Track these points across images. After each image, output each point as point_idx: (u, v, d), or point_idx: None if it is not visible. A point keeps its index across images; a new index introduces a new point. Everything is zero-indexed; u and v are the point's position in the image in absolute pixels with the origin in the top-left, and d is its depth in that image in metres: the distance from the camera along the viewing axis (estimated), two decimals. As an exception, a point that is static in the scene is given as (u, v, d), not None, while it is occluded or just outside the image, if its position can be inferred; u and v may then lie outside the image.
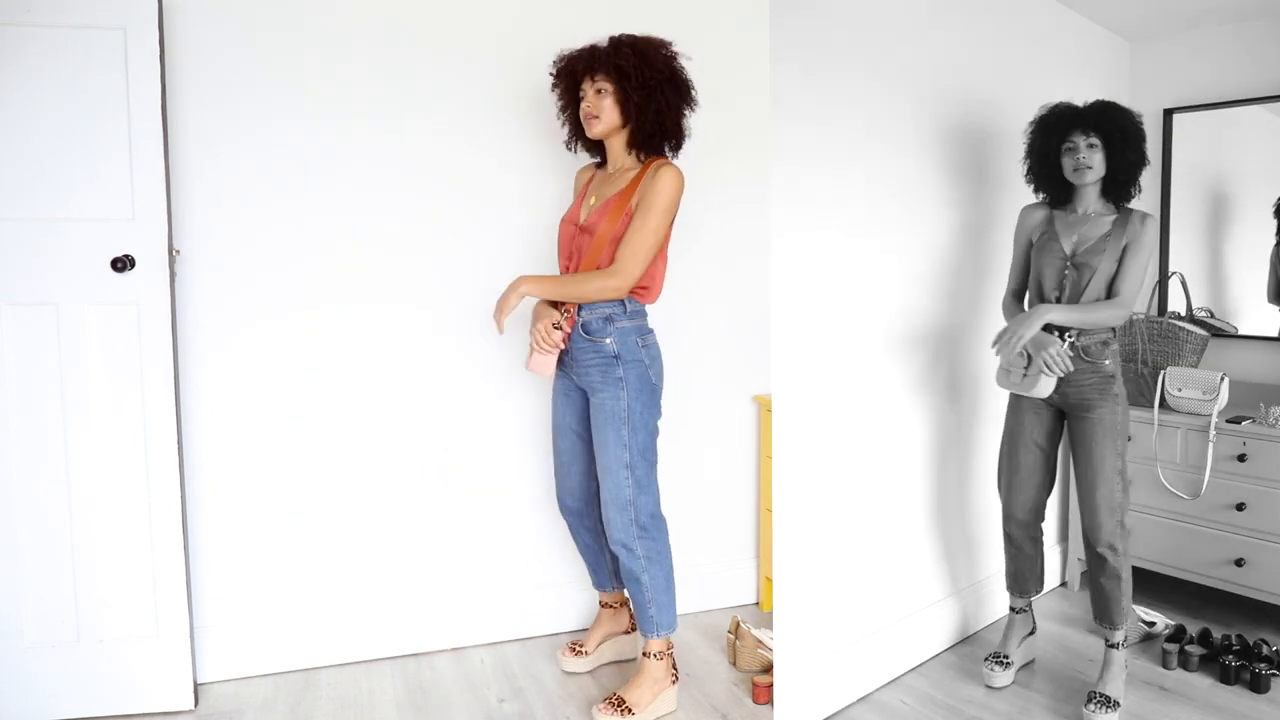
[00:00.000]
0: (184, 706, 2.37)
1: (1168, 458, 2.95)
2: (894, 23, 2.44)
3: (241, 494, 2.55)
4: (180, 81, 2.38)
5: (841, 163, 2.33)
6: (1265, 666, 2.51)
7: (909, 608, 2.67)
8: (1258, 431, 2.76)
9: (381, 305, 2.64)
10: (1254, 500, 2.77)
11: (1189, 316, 3.28)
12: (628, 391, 2.27)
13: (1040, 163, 2.44)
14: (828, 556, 2.39)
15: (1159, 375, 2.98)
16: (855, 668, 2.47)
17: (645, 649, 2.38)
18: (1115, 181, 2.37)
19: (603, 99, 2.25)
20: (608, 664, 2.66)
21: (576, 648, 2.63)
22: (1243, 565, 2.79)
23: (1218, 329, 3.25)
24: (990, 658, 2.59)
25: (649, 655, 2.37)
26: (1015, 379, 2.36)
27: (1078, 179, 2.35)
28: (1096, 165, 2.32)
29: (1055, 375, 2.29)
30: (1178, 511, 2.94)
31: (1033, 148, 2.46)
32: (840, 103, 2.31)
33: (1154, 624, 2.84)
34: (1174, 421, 2.93)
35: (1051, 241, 2.42)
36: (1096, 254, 2.34)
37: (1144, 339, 3.11)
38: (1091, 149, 2.32)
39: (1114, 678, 2.42)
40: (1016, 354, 2.32)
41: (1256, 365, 3.19)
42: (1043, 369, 2.29)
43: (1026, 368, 2.32)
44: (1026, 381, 2.34)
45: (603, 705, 2.31)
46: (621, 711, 2.29)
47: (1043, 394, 2.34)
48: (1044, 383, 2.31)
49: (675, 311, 2.94)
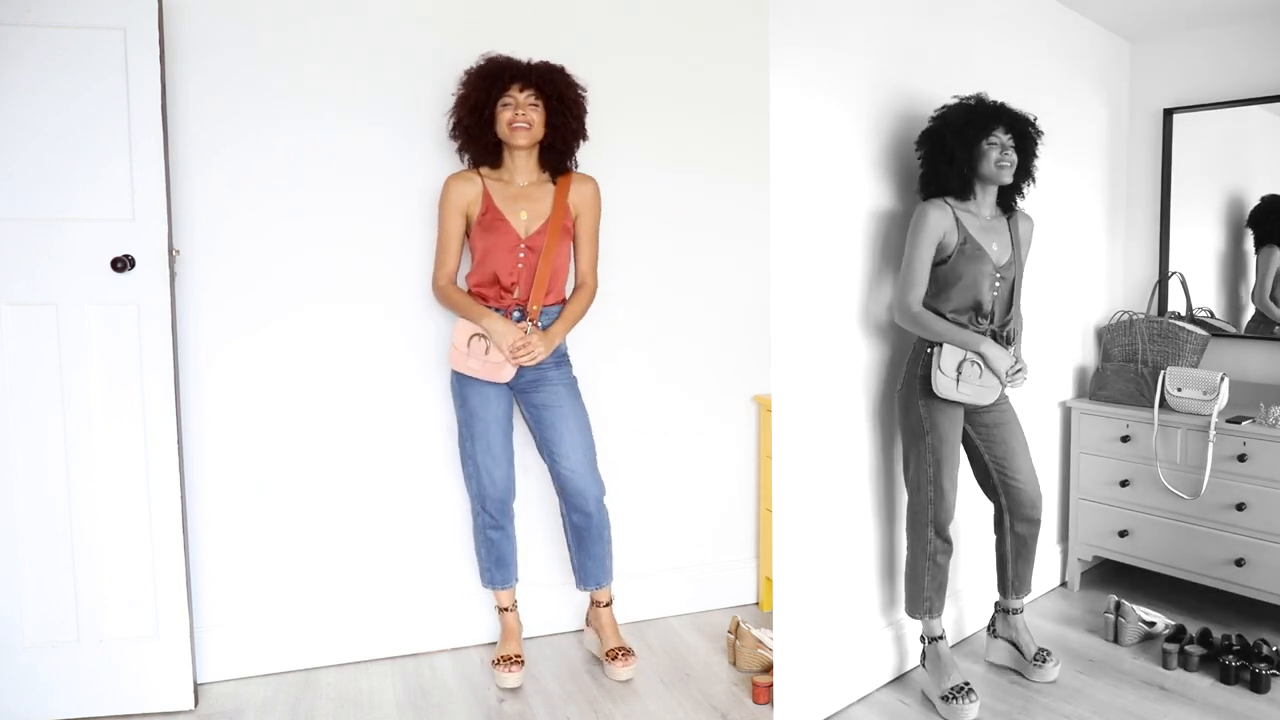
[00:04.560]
0: (184, 706, 2.37)
1: (1168, 458, 2.95)
2: (894, 23, 2.44)
3: (241, 494, 2.55)
4: (180, 81, 2.38)
5: (841, 161, 2.33)
6: (1265, 666, 2.51)
7: (909, 608, 2.67)
8: (1258, 431, 2.76)
9: (382, 305, 2.64)
10: (1254, 500, 2.77)
11: (1189, 316, 3.28)
12: (572, 375, 2.60)
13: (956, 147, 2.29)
14: (828, 556, 2.39)
15: (1159, 375, 2.98)
16: (855, 667, 2.47)
17: (602, 599, 2.66)
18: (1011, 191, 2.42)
19: (535, 111, 2.41)
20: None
21: (508, 662, 2.54)
22: (1243, 565, 2.79)
23: (1218, 329, 3.25)
24: (951, 693, 2.38)
25: (609, 604, 2.67)
26: (970, 390, 2.34)
27: (998, 176, 2.32)
28: (1013, 164, 2.33)
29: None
30: (1178, 511, 2.94)
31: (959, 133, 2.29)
32: (840, 100, 2.31)
33: (1154, 624, 2.84)
34: (1174, 421, 2.93)
35: (978, 250, 2.33)
36: (1012, 263, 2.41)
37: (1144, 339, 3.11)
38: (1013, 148, 2.32)
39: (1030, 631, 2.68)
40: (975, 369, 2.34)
41: (1256, 365, 3.19)
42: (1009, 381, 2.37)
43: (982, 377, 2.34)
44: (984, 391, 2.36)
45: (617, 661, 2.55)
46: (630, 657, 2.57)
47: (993, 400, 2.39)
48: (997, 391, 2.39)
49: (675, 311, 2.95)
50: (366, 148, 2.58)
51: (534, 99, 2.40)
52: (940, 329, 2.31)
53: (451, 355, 2.49)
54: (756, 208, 3.00)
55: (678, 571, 3.03)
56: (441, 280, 2.52)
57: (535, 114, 2.40)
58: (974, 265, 2.33)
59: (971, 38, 2.71)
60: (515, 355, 2.42)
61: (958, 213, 2.35)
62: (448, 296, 2.51)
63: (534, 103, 2.40)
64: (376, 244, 2.62)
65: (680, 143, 2.90)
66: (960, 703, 2.35)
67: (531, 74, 2.41)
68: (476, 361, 2.45)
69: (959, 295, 2.35)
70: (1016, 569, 2.60)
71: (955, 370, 2.32)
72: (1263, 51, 3.13)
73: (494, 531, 2.60)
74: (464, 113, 2.43)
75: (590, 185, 2.55)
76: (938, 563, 2.44)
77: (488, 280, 2.47)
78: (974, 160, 2.32)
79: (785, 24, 2.14)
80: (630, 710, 2.41)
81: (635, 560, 2.95)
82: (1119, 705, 2.46)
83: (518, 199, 2.48)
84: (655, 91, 2.86)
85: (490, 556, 2.62)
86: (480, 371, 2.45)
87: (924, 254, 2.32)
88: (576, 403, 2.57)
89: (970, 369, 2.32)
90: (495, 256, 2.45)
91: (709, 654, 2.73)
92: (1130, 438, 3.04)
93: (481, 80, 2.41)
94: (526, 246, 2.46)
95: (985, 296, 2.36)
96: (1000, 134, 2.31)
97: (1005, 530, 2.58)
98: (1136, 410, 3.04)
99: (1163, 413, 2.97)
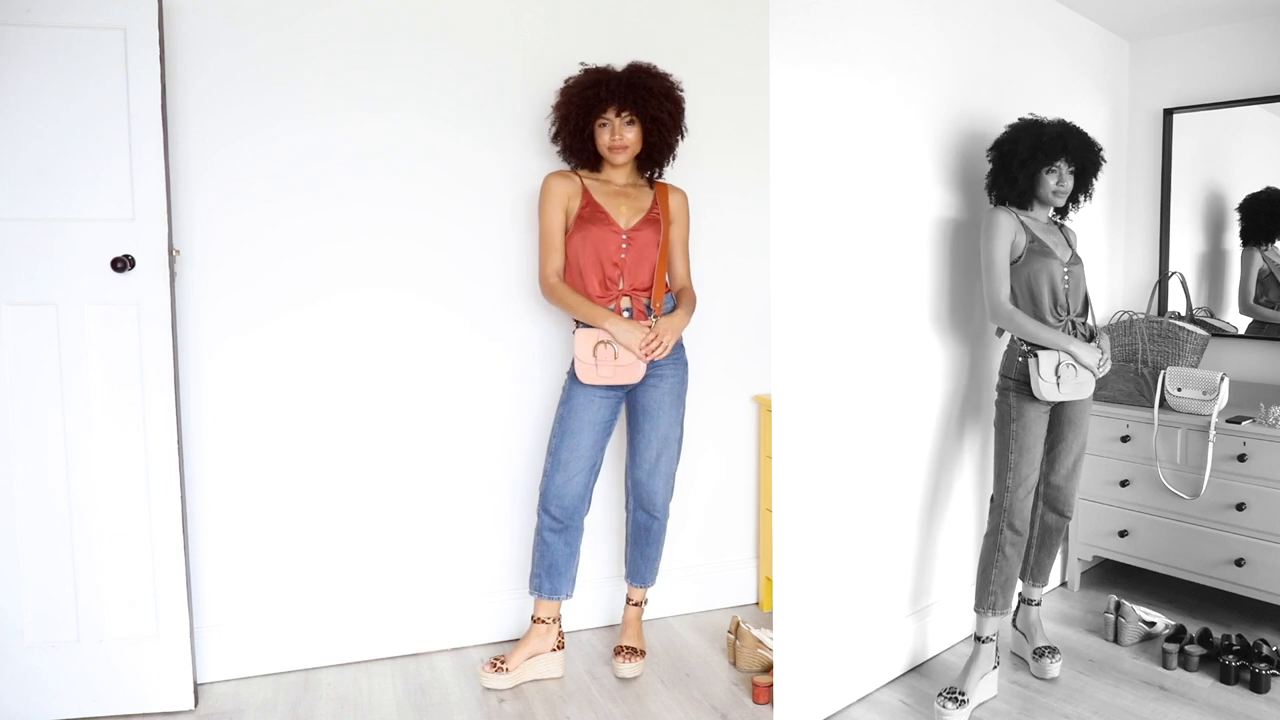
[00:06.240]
0: (184, 706, 2.37)
1: (1168, 458, 2.95)
2: (894, 23, 2.44)
3: (241, 494, 2.55)
4: (180, 81, 2.38)
5: (841, 162, 2.33)
6: (1265, 666, 2.51)
7: (910, 607, 2.67)
8: (1258, 431, 2.76)
9: (382, 305, 2.64)
10: (1254, 500, 2.77)
11: (1189, 316, 3.28)
12: (686, 379, 2.62)
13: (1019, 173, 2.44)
14: (828, 556, 2.39)
15: (1159, 375, 2.98)
16: (855, 668, 2.47)
17: (637, 599, 2.73)
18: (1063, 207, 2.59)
19: (630, 131, 2.46)
20: (528, 682, 2.55)
21: (498, 664, 2.52)
22: (1243, 565, 2.79)
23: (1218, 329, 3.25)
24: (944, 693, 2.40)
25: (640, 604, 2.74)
26: (1070, 388, 2.43)
27: (1054, 200, 2.48)
28: (1069, 189, 2.48)
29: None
30: (1178, 511, 2.94)
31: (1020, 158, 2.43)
32: (840, 102, 2.31)
33: (1154, 624, 2.84)
34: (1174, 421, 2.93)
35: (1046, 249, 2.46)
36: (1077, 261, 2.54)
37: (1144, 339, 3.11)
38: (1070, 175, 2.47)
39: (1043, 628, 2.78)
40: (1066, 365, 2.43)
41: (1256, 365, 3.20)
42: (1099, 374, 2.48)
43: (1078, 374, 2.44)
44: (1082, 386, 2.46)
45: (622, 656, 2.58)
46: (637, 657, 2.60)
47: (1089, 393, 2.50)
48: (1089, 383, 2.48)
49: (675, 311, 2.95)
50: (366, 146, 2.58)
51: (630, 118, 2.44)
52: (1031, 328, 2.42)
53: (579, 370, 2.43)
54: (756, 211, 3.00)
55: (678, 571, 3.03)
56: (551, 277, 2.50)
57: (632, 132, 2.46)
58: (1037, 264, 2.44)
59: (971, 38, 2.71)
60: (647, 352, 2.43)
61: (1021, 217, 2.49)
62: (559, 293, 2.48)
63: (630, 121, 2.45)
64: (377, 244, 2.62)
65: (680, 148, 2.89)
66: (942, 704, 2.36)
67: (627, 96, 2.42)
68: (608, 369, 2.43)
69: (1037, 291, 2.46)
70: (1038, 557, 2.71)
71: (1054, 374, 2.40)
72: (1263, 51, 3.13)
73: (552, 535, 2.51)
74: (565, 131, 2.50)
75: (682, 196, 2.62)
76: (1005, 554, 2.48)
77: (588, 280, 2.47)
78: (1034, 184, 2.46)
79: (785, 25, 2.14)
80: (630, 710, 2.41)
81: (635, 560, 2.95)
82: (1119, 705, 2.46)
83: (616, 196, 2.52)
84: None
85: (543, 561, 2.53)
86: (614, 378, 2.44)
87: (1001, 254, 2.45)
88: (676, 406, 2.58)
89: (1067, 370, 2.42)
90: (599, 247, 2.46)
91: (709, 654, 2.73)
92: (1130, 438, 3.04)
93: (581, 101, 2.44)
94: (628, 238, 2.48)
95: (1060, 290, 2.47)
96: (1062, 164, 2.44)
97: (1035, 517, 2.68)
98: (1136, 410, 3.04)
99: (1163, 413, 2.97)
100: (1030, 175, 2.44)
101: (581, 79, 2.47)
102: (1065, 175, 2.45)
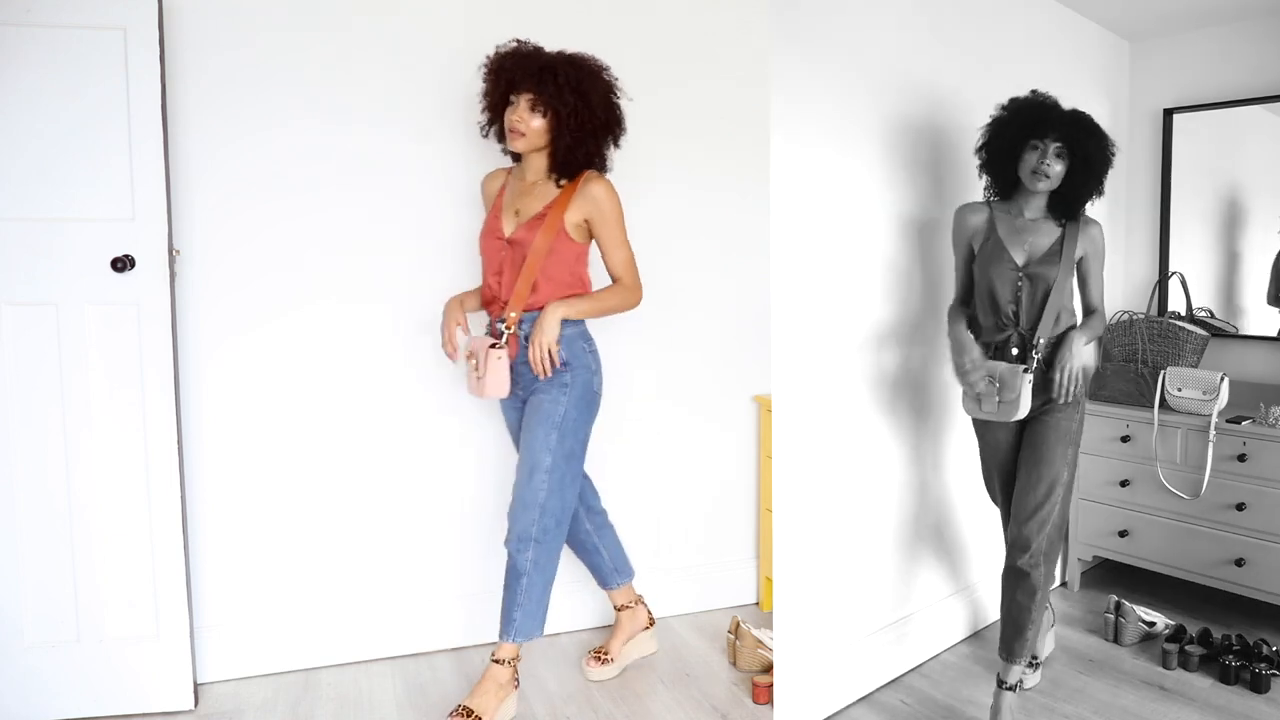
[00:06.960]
0: (184, 706, 2.37)
1: (1168, 458, 2.95)
2: (894, 22, 2.44)
3: (241, 494, 2.55)
4: (180, 82, 2.38)
5: (841, 162, 2.33)
6: (1265, 666, 2.51)
7: (909, 607, 2.67)
8: (1258, 431, 2.76)
9: (382, 305, 2.64)
10: (1254, 500, 2.77)
11: (1189, 316, 3.28)
12: (569, 397, 2.28)
13: (1000, 154, 2.26)
14: (828, 556, 2.39)
15: (1159, 375, 2.98)
16: (855, 668, 2.47)
17: (497, 654, 2.29)
18: (1064, 199, 2.25)
19: (532, 117, 2.22)
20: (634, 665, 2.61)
21: (601, 655, 2.58)
22: (1243, 565, 2.79)
23: (1218, 329, 3.25)
24: None
25: (500, 661, 2.29)
26: (991, 407, 2.22)
27: (1032, 183, 2.21)
28: (1055, 176, 2.19)
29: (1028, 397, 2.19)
30: (1178, 511, 2.94)
31: (1000, 134, 2.25)
32: (840, 102, 2.31)
33: (1154, 624, 2.84)
34: (1174, 421, 2.93)
35: (999, 250, 2.26)
36: (1050, 265, 2.23)
37: (1144, 339, 3.10)
38: (1058, 157, 2.18)
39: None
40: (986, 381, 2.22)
41: (1256, 365, 3.20)
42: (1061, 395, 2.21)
43: (1000, 393, 2.21)
44: (1005, 408, 2.21)
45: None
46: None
47: (1022, 415, 2.22)
48: (1024, 406, 2.20)
49: (675, 311, 2.95)
50: (367, 147, 2.58)
51: (533, 103, 2.21)
52: (950, 332, 2.26)
53: None
54: (756, 212, 2.99)
55: (678, 571, 3.03)
56: None
57: (536, 121, 2.22)
58: (990, 265, 2.26)
59: (970, 37, 2.71)
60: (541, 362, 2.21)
61: (995, 213, 2.30)
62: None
63: (534, 107, 2.21)
64: (377, 244, 2.62)
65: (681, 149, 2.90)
66: None
67: (529, 79, 2.20)
68: (472, 382, 2.31)
69: (979, 295, 2.32)
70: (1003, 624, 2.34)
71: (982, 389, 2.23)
72: (1263, 51, 3.13)
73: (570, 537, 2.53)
74: (488, 106, 2.33)
75: (597, 185, 2.27)
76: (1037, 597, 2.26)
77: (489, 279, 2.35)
78: (1016, 164, 2.23)
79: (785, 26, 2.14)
80: (630, 710, 2.41)
81: (635, 560, 2.94)
82: (1119, 705, 2.46)
83: (520, 196, 2.34)
84: (655, 98, 2.86)
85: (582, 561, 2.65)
86: (477, 390, 2.28)
87: (957, 254, 2.40)
88: (545, 427, 2.26)
89: (987, 386, 2.21)
90: (486, 255, 2.35)
91: (709, 654, 2.73)
92: (1130, 438, 3.04)
93: (493, 79, 2.29)
94: (509, 244, 2.28)
95: (1002, 297, 2.26)
96: (1048, 140, 2.17)
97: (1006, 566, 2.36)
98: (1136, 410, 3.04)
99: (1163, 413, 2.97)
100: (1009, 149, 2.21)
101: (499, 51, 2.29)
102: (1051, 157, 2.17)
